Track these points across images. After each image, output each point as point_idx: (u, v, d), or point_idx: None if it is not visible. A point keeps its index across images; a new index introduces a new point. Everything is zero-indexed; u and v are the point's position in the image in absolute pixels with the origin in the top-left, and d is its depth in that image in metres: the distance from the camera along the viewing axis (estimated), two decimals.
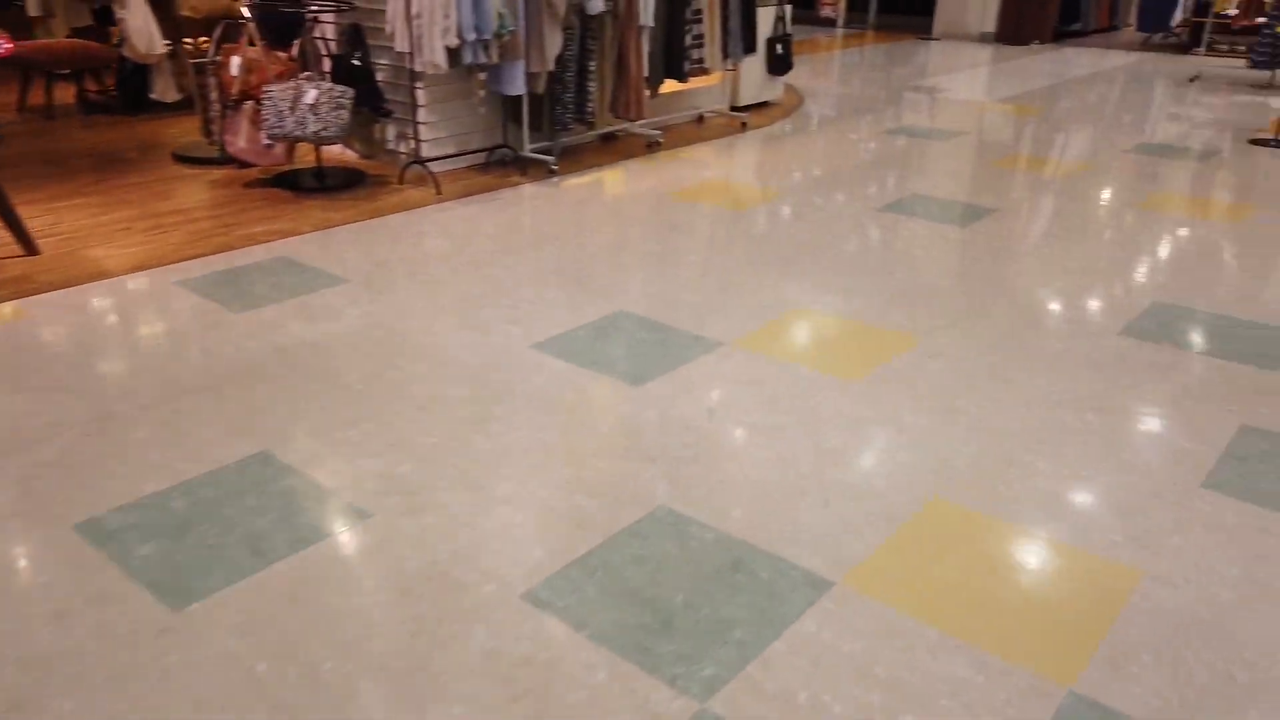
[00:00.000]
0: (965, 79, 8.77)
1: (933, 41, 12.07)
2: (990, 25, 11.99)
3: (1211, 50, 10.53)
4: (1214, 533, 2.08)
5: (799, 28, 13.82)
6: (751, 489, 2.23)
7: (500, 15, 4.58)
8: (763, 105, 7.27)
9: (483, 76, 5.05)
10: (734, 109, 6.95)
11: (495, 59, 4.71)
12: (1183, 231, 4.25)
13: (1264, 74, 8.89)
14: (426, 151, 4.99)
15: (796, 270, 3.70)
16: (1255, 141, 6.13)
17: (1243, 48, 10.13)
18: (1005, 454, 2.40)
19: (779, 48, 7.05)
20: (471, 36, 4.51)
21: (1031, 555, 2.00)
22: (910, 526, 2.09)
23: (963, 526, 2.10)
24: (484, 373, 2.80)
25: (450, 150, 5.12)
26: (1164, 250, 4.00)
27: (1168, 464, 2.35)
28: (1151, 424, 2.56)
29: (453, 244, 3.96)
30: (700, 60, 5.92)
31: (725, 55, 6.11)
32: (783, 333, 3.13)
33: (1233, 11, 10.56)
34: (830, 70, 9.35)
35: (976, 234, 4.19)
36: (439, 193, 4.71)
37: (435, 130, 5.02)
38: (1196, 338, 3.11)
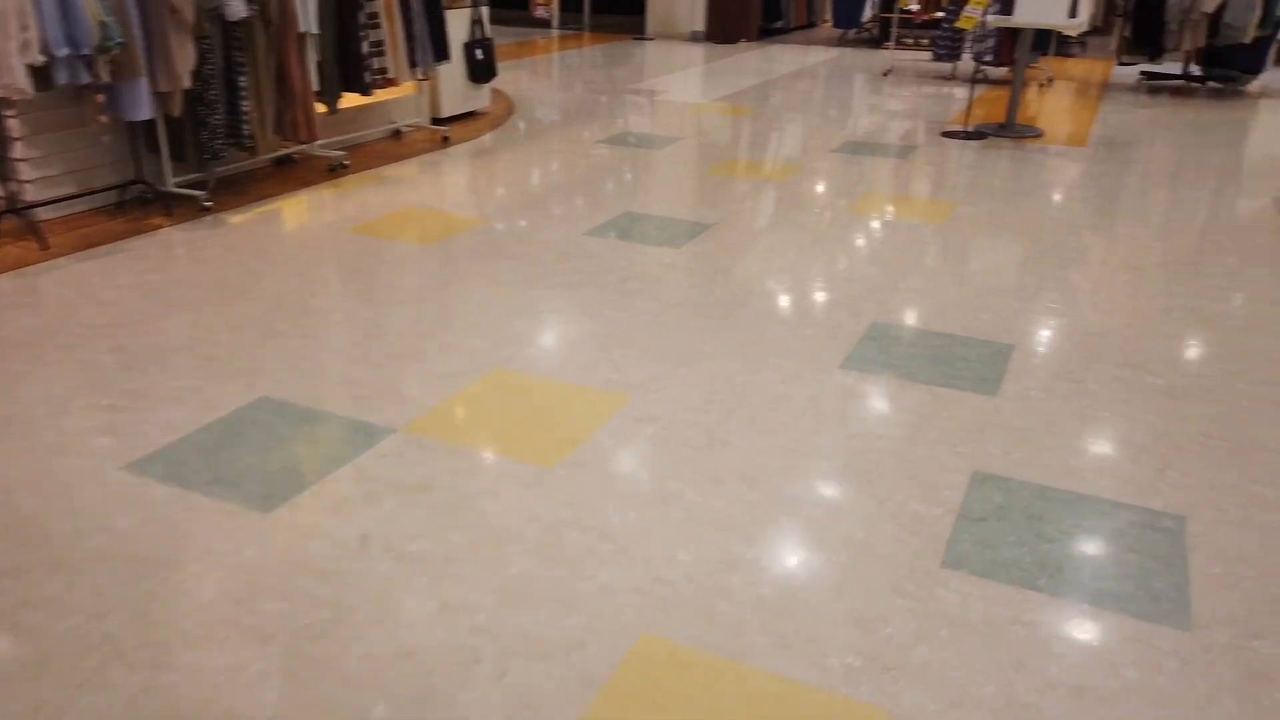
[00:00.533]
0: (678, 80, 8.64)
1: (647, 41, 12.00)
2: (700, 24, 12.10)
3: (900, 44, 11.15)
4: (962, 636, 1.76)
5: (513, 29, 13.34)
6: (404, 666, 1.65)
7: (103, 24, 3.67)
8: (470, 115, 6.69)
9: (101, 99, 4.10)
10: (436, 121, 6.32)
11: (106, 78, 3.80)
12: (893, 236, 4.14)
13: (947, 65, 9.45)
14: (32, 194, 3.98)
15: (491, 319, 3.16)
16: (947, 134, 6.33)
17: (926, 41, 10.79)
18: (725, 553, 1.98)
19: (479, 53, 6.49)
20: (63, 52, 3.58)
21: (763, 710, 1.58)
22: (613, 689, 1.61)
23: (679, 677, 1.64)
24: (45, 521, 2.03)
25: (67, 190, 4.13)
26: (878, 260, 3.84)
27: (904, 539, 2.04)
28: (883, 486, 2.25)
29: (46, 320, 3.06)
30: (383, 70, 5.24)
31: (413, 63, 5.46)
32: (470, 407, 2.57)
33: (914, 7, 11.24)
34: (544, 74, 8.92)
35: (693, 255, 3.84)
36: (45, 248, 3.74)
37: (41, 167, 4.02)
38: (917, 363, 2.89)
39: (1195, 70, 8.38)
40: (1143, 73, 8.66)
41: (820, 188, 4.94)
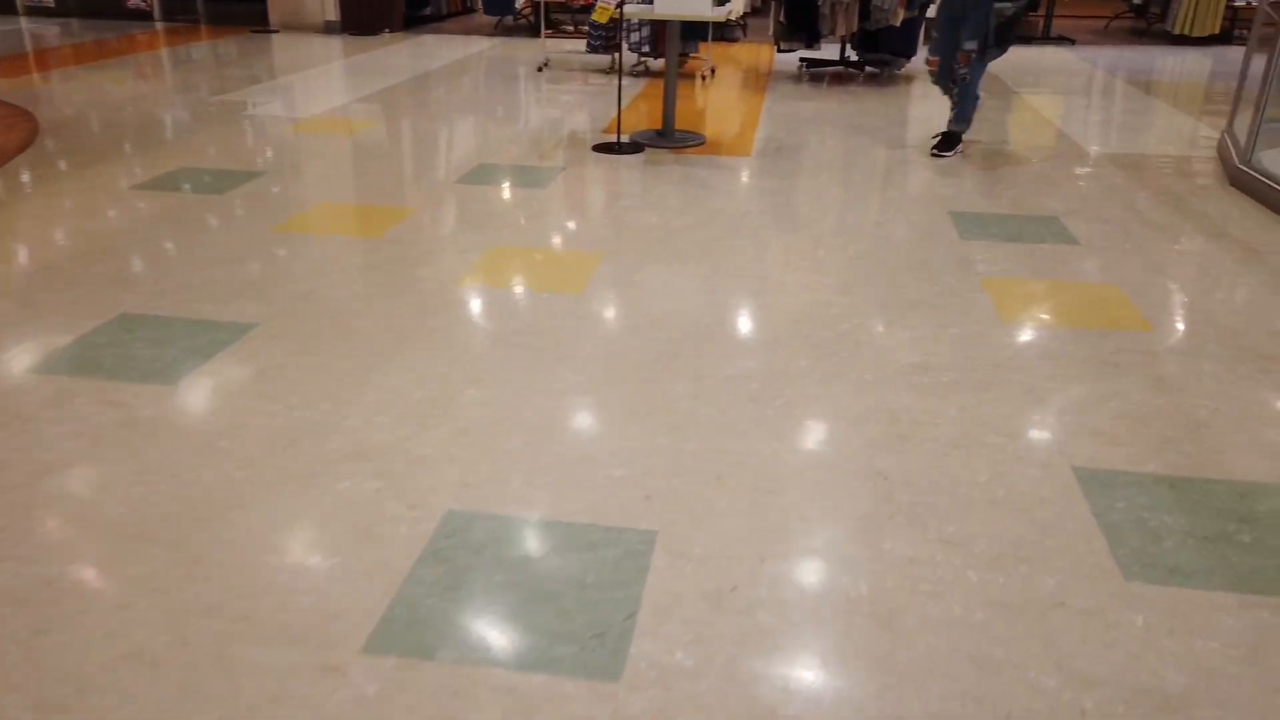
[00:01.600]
0: (293, 84, 7.05)
1: (273, 34, 10.16)
2: (334, 12, 10.43)
3: (559, 31, 10.18)
4: None
5: (105, 23, 10.91)
6: None
7: None
8: None
9: None
10: None
11: None
12: (510, 326, 3.01)
13: (606, 57, 8.57)
14: None
15: None
16: (599, 148, 5.34)
17: (586, 27, 9.88)
18: None
19: None
20: None
21: None
22: None
23: None
24: None
25: None
26: (473, 377, 2.69)
27: None
28: None
29: None
30: None
31: None
32: None
33: None
34: (113, 83, 6.96)
35: (194, 396, 2.48)
36: None
37: None
38: (503, 604, 1.76)
39: (852, 55, 8.07)
40: (802, 60, 8.26)
41: (429, 245, 3.71)
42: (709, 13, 5.01)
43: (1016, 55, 9.14)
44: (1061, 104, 6.81)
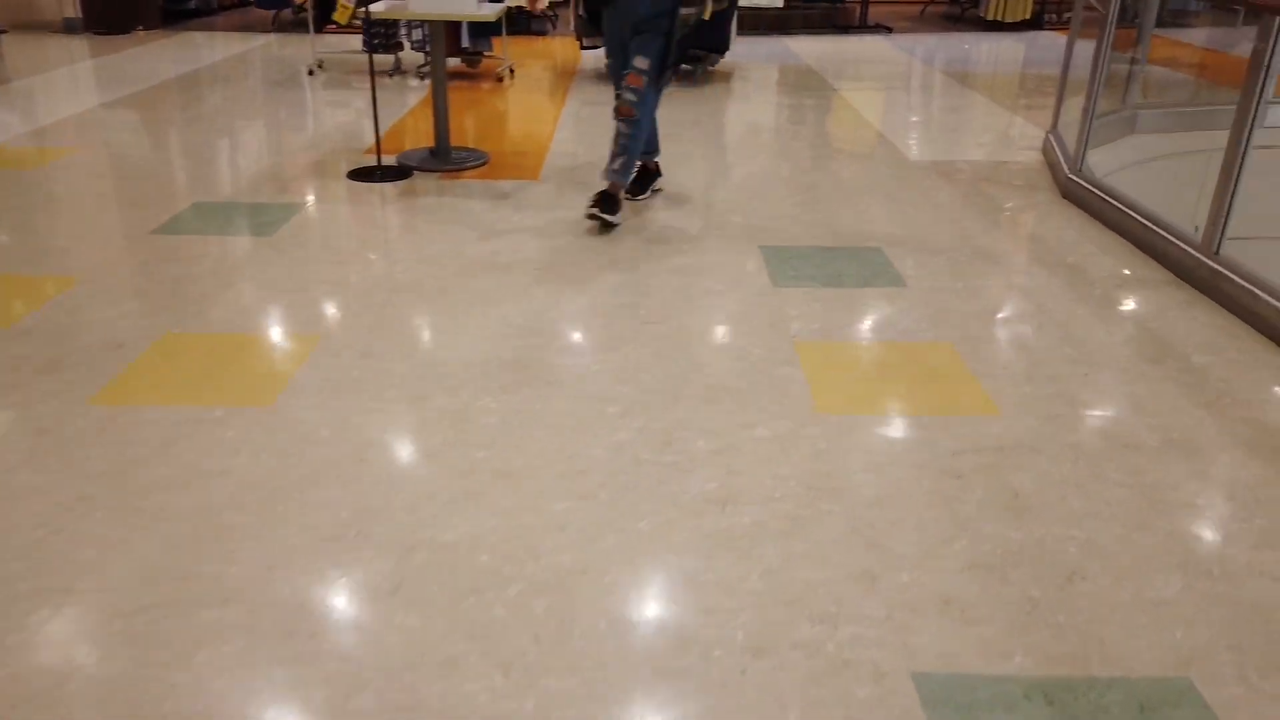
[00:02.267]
0: None
1: (1, 35, 8.60)
2: (75, 9, 8.93)
3: (347, 26, 9.06)
4: None
5: None
6: None
7: None
8: None
9: None
10: None
11: None
12: (141, 488, 2.12)
13: (389, 57, 7.59)
14: None
15: None
16: (356, 174, 4.43)
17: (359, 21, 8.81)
18: None
19: None
20: None
21: None
22: None
23: None
24: None
25: None
26: (57, 602, 1.80)
27: None
28: None
29: None
30: None
31: None
32: None
33: None
34: None
35: None
36: None
37: None
38: None
39: None
40: None
41: (74, 338, 2.74)
42: (472, 10, 4.18)
43: (835, 46, 8.74)
44: (881, 101, 6.36)
